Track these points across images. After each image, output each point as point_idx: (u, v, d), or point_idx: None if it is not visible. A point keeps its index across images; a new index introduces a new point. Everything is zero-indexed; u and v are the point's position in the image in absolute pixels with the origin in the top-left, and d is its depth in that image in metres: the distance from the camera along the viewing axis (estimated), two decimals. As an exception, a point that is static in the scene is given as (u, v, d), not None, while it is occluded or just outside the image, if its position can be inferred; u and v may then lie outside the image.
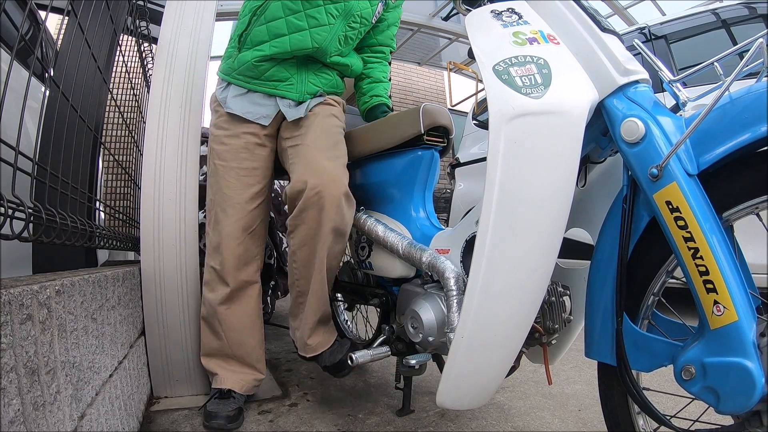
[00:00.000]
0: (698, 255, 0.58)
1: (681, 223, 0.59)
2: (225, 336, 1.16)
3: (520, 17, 0.76)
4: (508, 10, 0.78)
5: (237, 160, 1.14)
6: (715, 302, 0.57)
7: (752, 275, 0.65)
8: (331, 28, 1.11)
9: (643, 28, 2.59)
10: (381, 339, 1.11)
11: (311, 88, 1.17)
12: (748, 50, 0.61)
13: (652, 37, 2.49)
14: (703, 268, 0.58)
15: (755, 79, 0.60)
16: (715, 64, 0.66)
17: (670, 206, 0.60)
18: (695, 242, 0.58)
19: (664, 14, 3.56)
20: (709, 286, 0.57)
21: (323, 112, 1.16)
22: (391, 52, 1.38)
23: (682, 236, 0.59)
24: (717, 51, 0.67)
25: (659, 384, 0.78)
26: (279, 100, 1.15)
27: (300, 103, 1.16)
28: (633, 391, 0.67)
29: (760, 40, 0.60)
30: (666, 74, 0.70)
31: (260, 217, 1.19)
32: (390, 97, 1.37)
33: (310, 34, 1.09)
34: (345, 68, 1.23)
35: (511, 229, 0.68)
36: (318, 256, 1.04)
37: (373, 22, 1.22)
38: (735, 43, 2.20)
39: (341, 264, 1.22)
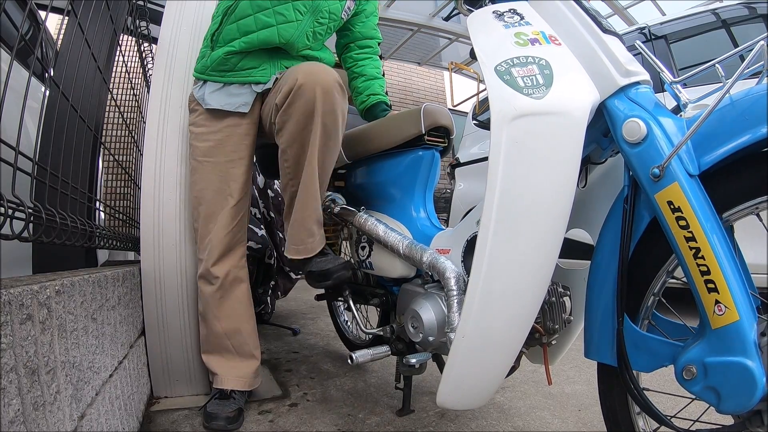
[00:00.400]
0: (700, 255, 0.58)
1: (682, 223, 0.60)
2: (220, 325, 1.17)
3: (522, 18, 0.77)
4: (509, 10, 0.78)
5: (223, 154, 1.15)
6: (717, 302, 0.57)
7: (752, 275, 0.65)
8: (298, 24, 1.12)
9: (643, 28, 2.59)
10: (378, 331, 1.10)
11: (284, 70, 1.16)
12: (749, 51, 0.61)
13: (652, 37, 2.49)
14: (704, 268, 0.58)
15: (756, 80, 0.61)
16: (717, 66, 0.66)
17: (672, 206, 0.61)
18: (697, 242, 0.58)
19: (664, 14, 3.57)
20: (711, 285, 0.57)
21: None
22: (378, 44, 1.38)
23: (684, 236, 0.59)
24: (717, 51, 0.67)
25: (659, 384, 0.78)
26: (254, 86, 1.15)
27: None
28: (634, 392, 0.67)
29: (762, 42, 0.60)
30: (667, 76, 0.70)
31: (245, 208, 1.20)
32: (387, 93, 1.37)
33: (278, 30, 1.10)
34: (315, 61, 1.22)
35: (512, 229, 0.68)
36: (309, 151, 1.01)
37: (344, 17, 1.24)
38: (735, 43, 2.20)
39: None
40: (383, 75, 1.38)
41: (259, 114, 1.19)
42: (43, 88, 1.13)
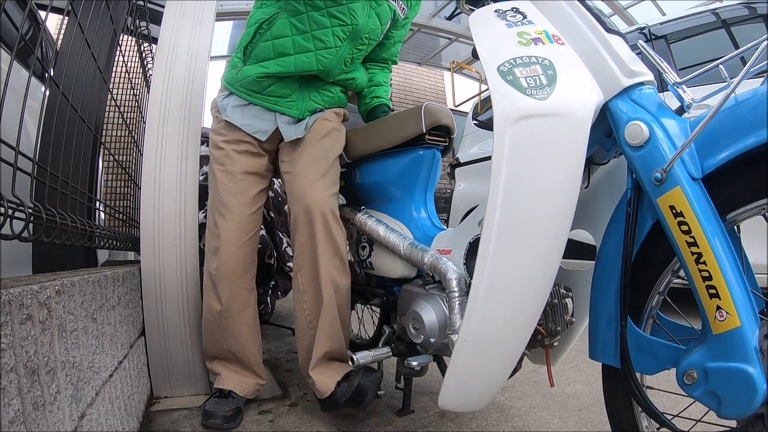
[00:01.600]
0: (701, 260, 0.58)
1: (684, 227, 0.59)
2: (225, 343, 1.16)
3: (525, 17, 0.76)
4: (512, 9, 0.77)
5: (234, 165, 1.14)
6: (718, 308, 0.57)
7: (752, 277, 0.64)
8: (337, 51, 1.09)
9: (643, 28, 2.59)
10: (383, 338, 1.10)
11: (312, 105, 1.16)
12: (752, 51, 0.61)
13: (652, 37, 2.49)
14: (706, 273, 0.57)
15: (761, 81, 0.60)
16: (720, 66, 0.66)
17: (674, 211, 0.60)
18: (698, 247, 0.58)
19: (664, 14, 3.56)
20: (712, 291, 0.57)
21: (321, 131, 1.14)
22: (393, 63, 1.37)
23: (686, 241, 0.59)
24: (717, 51, 0.67)
25: (662, 383, 0.78)
26: (278, 116, 1.14)
27: (299, 120, 1.15)
28: (636, 394, 0.67)
29: (765, 42, 0.59)
30: (672, 76, 0.70)
31: (257, 225, 1.18)
32: (390, 99, 1.37)
33: (316, 56, 1.07)
34: (350, 82, 1.22)
35: (515, 230, 0.67)
36: (323, 282, 1.06)
37: (381, 39, 1.21)
38: (735, 43, 2.20)
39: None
40: (390, 84, 1.38)
41: (277, 146, 1.19)
42: (43, 88, 1.13)
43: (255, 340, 1.20)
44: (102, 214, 1.57)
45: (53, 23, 2.29)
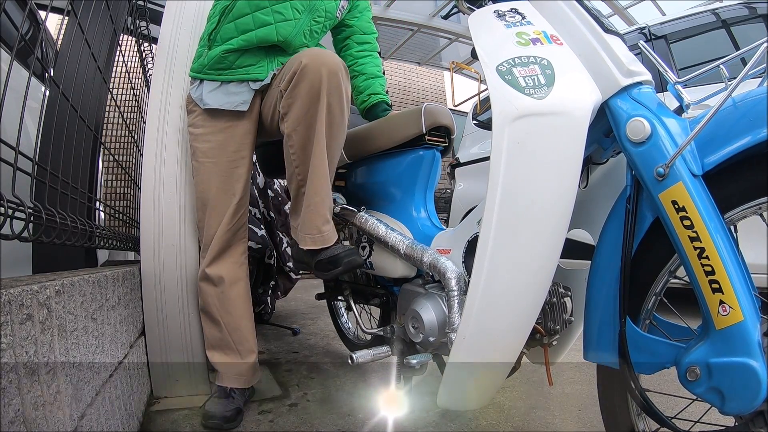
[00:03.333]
0: (704, 255, 0.58)
1: (687, 222, 0.59)
2: (221, 321, 1.17)
3: (524, 17, 0.76)
4: (511, 10, 0.78)
5: (224, 155, 1.15)
6: (721, 302, 0.57)
7: (752, 275, 0.64)
8: (296, 23, 1.13)
9: (643, 28, 2.59)
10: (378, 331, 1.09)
11: (281, 66, 1.15)
12: (752, 53, 0.61)
13: (652, 37, 2.49)
14: (708, 268, 0.58)
15: (758, 82, 0.61)
16: (721, 67, 0.66)
17: (676, 206, 0.60)
18: (701, 242, 0.58)
19: (664, 14, 3.56)
20: (715, 286, 0.57)
21: None
22: (376, 39, 1.39)
23: (688, 236, 0.59)
24: (717, 51, 0.68)
25: (658, 385, 0.78)
26: (251, 84, 1.15)
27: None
28: (636, 394, 0.67)
29: (765, 44, 0.60)
30: (671, 76, 0.70)
31: (245, 206, 1.20)
32: (387, 92, 1.37)
33: (276, 28, 1.11)
34: None
35: (513, 230, 0.68)
36: (316, 132, 0.99)
37: (338, 16, 1.25)
38: (735, 43, 2.20)
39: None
40: (383, 73, 1.38)
41: (258, 112, 1.19)
42: (43, 88, 1.13)
43: (248, 314, 1.22)
44: (102, 214, 1.57)
45: (53, 23, 2.29)
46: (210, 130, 1.16)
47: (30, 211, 0.62)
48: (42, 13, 1.78)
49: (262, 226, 1.82)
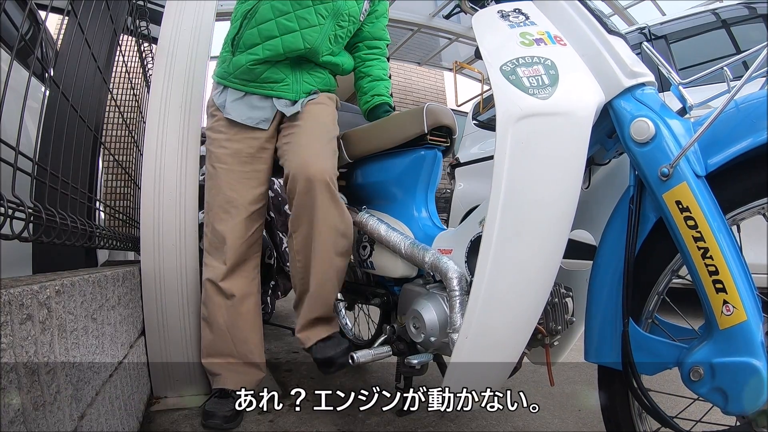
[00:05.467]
0: (708, 255, 0.58)
1: (691, 222, 0.60)
2: (229, 333, 1.16)
3: (527, 18, 0.77)
4: (515, 10, 0.78)
5: (241, 164, 1.15)
6: (725, 302, 0.57)
7: (752, 275, 0.64)
8: (321, 28, 1.13)
9: (643, 28, 2.59)
10: (382, 338, 1.09)
11: (306, 87, 1.18)
12: (754, 56, 0.62)
13: (652, 37, 2.49)
14: (712, 268, 0.58)
15: (760, 85, 0.61)
16: (725, 68, 0.66)
17: (680, 206, 0.61)
18: (705, 242, 0.58)
19: (664, 14, 3.56)
20: (719, 285, 0.57)
21: (319, 109, 1.18)
22: (387, 45, 1.38)
23: (692, 236, 0.59)
24: (717, 51, 0.68)
25: (660, 385, 0.78)
26: (275, 101, 1.16)
27: (295, 102, 1.18)
28: (639, 394, 0.66)
29: (767, 48, 0.60)
30: (675, 78, 0.70)
31: (261, 219, 1.20)
32: (391, 95, 1.37)
33: (302, 35, 1.10)
34: (336, 67, 1.25)
35: (516, 230, 0.67)
36: (316, 248, 1.04)
37: (362, 19, 1.25)
38: (735, 43, 2.20)
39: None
40: (390, 77, 1.38)
41: (277, 129, 1.19)
42: (43, 88, 1.13)
43: (257, 328, 1.22)
44: (102, 214, 1.56)
45: (53, 23, 2.29)
46: (228, 137, 1.16)
47: (30, 211, 0.61)
48: (42, 13, 1.77)
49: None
